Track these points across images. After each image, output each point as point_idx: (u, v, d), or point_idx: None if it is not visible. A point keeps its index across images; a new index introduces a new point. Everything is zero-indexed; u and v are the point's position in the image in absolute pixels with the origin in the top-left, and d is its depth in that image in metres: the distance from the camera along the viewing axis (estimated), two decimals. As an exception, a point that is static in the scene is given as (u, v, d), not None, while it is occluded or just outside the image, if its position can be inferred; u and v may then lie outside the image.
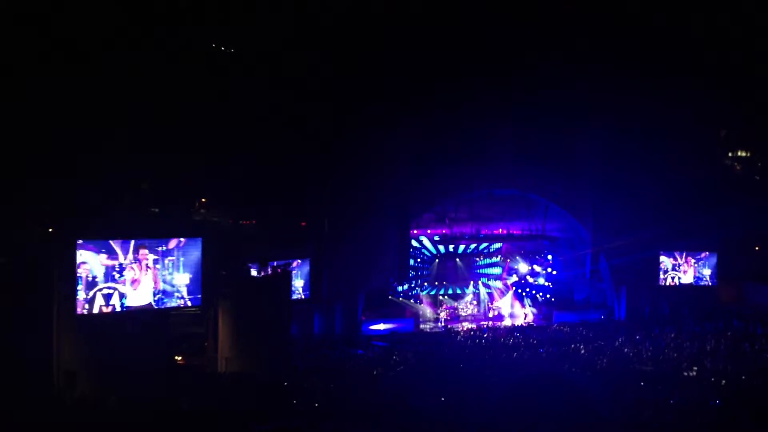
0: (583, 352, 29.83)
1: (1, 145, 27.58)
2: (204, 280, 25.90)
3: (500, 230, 40.06)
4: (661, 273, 37.96)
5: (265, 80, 35.72)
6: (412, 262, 38.20)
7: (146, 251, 24.53)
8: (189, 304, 25.81)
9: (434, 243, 39.22)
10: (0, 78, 27.74)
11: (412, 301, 38.90)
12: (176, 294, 25.42)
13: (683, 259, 38.17)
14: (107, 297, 23.85)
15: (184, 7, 33.76)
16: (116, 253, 23.91)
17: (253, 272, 27.48)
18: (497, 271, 41.17)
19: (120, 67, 30.43)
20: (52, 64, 29.18)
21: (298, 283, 31.56)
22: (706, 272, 38.31)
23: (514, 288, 40.61)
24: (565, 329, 35.26)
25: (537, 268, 40.61)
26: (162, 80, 31.68)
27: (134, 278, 24.45)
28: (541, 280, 40.44)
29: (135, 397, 20.97)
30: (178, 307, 25.70)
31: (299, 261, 31.90)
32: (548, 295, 40.13)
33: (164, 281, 24.95)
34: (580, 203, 37.73)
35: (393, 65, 36.40)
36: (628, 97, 39.58)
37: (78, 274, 23.18)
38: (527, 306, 40.06)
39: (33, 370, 23.44)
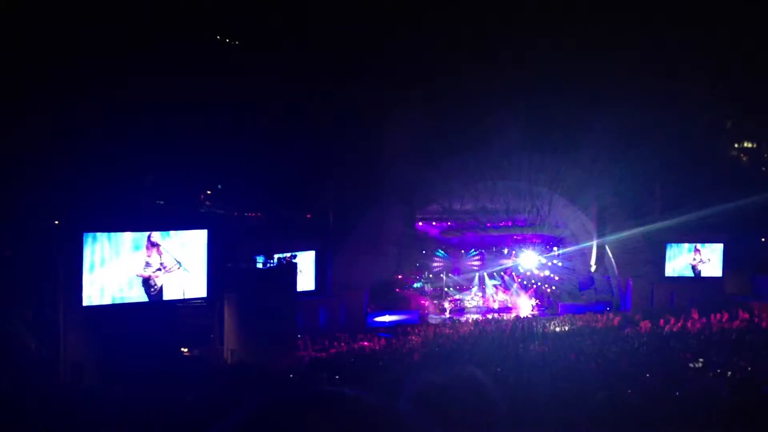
0: (588, 343, 29.89)
1: (5, 136, 27.64)
2: (210, 272, 26.03)
3: (506, 222, 40.06)
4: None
5: (269, 72, 35.71)
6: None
7: (157, 242, 24.75)
8: (195, 295, 26.01)
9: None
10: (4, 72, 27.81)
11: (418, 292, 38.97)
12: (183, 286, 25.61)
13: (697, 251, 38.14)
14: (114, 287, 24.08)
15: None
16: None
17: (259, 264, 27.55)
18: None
19: (123, 59, 30.48)
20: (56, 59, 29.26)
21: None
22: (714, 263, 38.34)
23: (519, 279, 40.61)
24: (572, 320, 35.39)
25: (542, 260, 40.59)
26: (165, 72, 31.68)
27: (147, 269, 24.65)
28: (547, 272, 40.41)
29: (141, 388, 21.07)
30: (184, 299, 25.87)
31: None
32: (553, 287, 40.11)
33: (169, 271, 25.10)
34: (585, 194, 37.66)
35: (397, 56, 36.38)
36: (633, 88, 39.49)
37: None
38: (532, 297, 40.06)
39: (40, 363, 23.61)
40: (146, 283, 24.62)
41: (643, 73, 38.99)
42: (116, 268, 24.06)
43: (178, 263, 25.09)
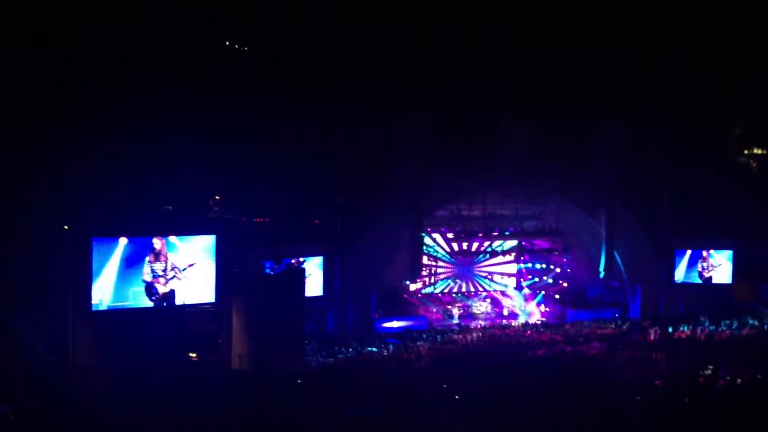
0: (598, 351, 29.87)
1: (16, 141, 27.81)
2: (218, 277, 26.04)
3: (514, 228, 39.93)
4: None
5: (277, 79, 35.87)
6: (425, 260, 38.12)
7: (163, 245, 24.81)
8: (203, 300, 26.03)
9: (447, 241, 39.12)
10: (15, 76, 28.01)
11: (425, 299, 38.87)
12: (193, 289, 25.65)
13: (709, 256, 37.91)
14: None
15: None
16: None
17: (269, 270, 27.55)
18: (511, 268, 40.98)
19: (132, 65, 30.69)
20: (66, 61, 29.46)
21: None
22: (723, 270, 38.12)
23: (527, 286, 40.44)
24: (580, 327, 35.33)
25: (551, 266, 40.42)
26: (172, 77, 31.86)
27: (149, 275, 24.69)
28: (555, 278, 40.28)
29: (149, 393, 21.09)
30: (192, 304, 25.88)
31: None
32: (562, 293, 39.97)
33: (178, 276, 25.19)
34: (594, 200, 37.52)
35: (404, 61, 36.45)
36: (642, 93, 39.44)
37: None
38: (541, 304, 39.90)
39: (49, 366, 23.68)
40: (148, 289, 24.62)
41: (651, 78, 39.01)
42: (122, 273, 24.08)
43: (179, 269, 25.10)
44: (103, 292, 23.57)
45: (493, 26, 38.30)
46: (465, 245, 39.55)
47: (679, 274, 37.85)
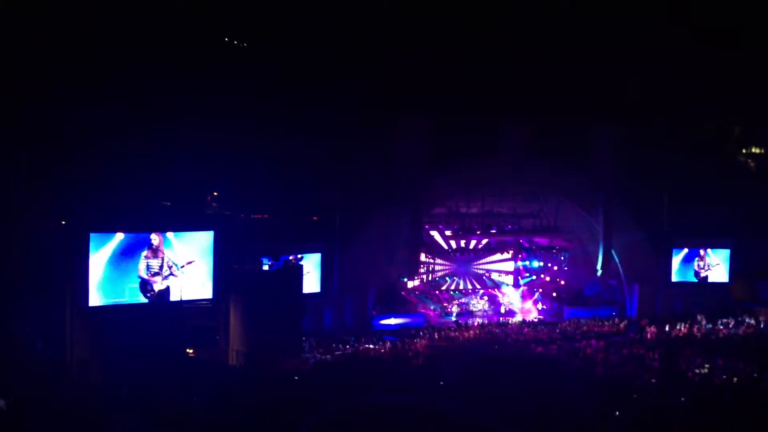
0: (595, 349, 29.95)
1: (15, 138, 27.88)
2: (216, 274, 26.11)
3: (512, 226, 40.01)
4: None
5: (277, 75, 35.91)
6: (423, 257, 38.20)
7: (160, 241, 24.90)
8: (201, 296, 26.12)
9: (445, 238, 39.20)
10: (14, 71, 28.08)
11: (423, 295, 38.97)
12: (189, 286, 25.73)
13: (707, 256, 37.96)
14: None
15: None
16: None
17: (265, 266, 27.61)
18: (508, 266, 41.09)
19: (131, 58, 30.77)
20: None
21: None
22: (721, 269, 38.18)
23: (524, 284, 40.54)
24: (577, 324, 35.40)
25: (548, 264, 40.51)
26: (172, 75, 31.93)
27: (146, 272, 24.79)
28: (552, 276, 40.37)
29: (146, 387, 21.17)
30: (190, 300, 25.96)
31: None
32: (559, 291, 40.05)
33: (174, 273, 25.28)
34: (592, 199, 37.54)
35: (405, 59, 36.48)
36: (643, 93, 39.46)
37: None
38: (538, 302, 40.01)
39: (47, 360, 23.79)
40: (143, 286, 24.69)
41: (651, 78, 39.03)
42: (117, 268, 24.16)
43: (176, 266, 25.18)
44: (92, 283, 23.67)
45: (493, 26, 38.30)
46: (463, 242, 39.65)
47: (683, 271, 37.91)
